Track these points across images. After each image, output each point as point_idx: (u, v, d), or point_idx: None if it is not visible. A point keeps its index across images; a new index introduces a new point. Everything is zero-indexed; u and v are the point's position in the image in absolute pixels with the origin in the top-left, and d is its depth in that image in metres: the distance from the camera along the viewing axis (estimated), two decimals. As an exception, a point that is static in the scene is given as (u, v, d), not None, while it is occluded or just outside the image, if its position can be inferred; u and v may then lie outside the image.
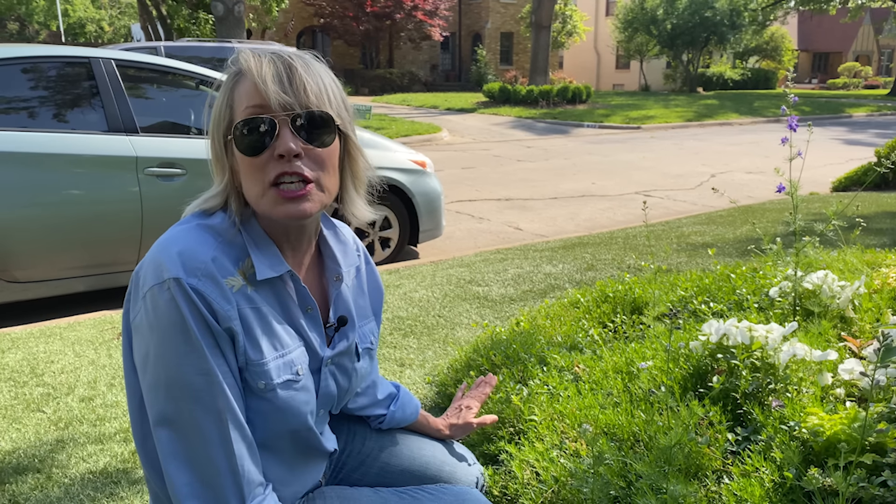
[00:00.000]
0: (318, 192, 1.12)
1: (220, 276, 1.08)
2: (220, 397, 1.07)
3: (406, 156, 5.12)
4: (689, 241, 5.01)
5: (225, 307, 1.07)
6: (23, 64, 3.90)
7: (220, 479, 1.08)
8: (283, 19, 30.79)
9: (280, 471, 1.22)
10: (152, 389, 1.08)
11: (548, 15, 23.82)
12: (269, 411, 1.15)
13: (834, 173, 9.20)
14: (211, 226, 1.13)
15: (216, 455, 1.07)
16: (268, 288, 1.15)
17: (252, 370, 1.12)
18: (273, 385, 1.14)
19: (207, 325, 1.06)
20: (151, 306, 1.06)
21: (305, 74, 1.10)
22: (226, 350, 1.09)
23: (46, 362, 2.97)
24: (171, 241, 1.10)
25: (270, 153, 1.09)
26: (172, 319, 1.04)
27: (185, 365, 1.05)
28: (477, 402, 1.69)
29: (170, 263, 1.06)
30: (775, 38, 39.45)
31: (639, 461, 1.57)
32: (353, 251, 1.37)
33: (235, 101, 1.12)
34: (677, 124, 18.78)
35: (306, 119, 1.09)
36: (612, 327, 2.75)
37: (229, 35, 13.39)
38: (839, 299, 2.30)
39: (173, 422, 1.07)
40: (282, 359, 1.15)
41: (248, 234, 1.14)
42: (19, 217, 3.72)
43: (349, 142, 1.20)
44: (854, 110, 23.20)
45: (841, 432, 1.47)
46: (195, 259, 1.07)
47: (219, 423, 1.07)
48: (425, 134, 14.73)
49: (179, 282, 1.04)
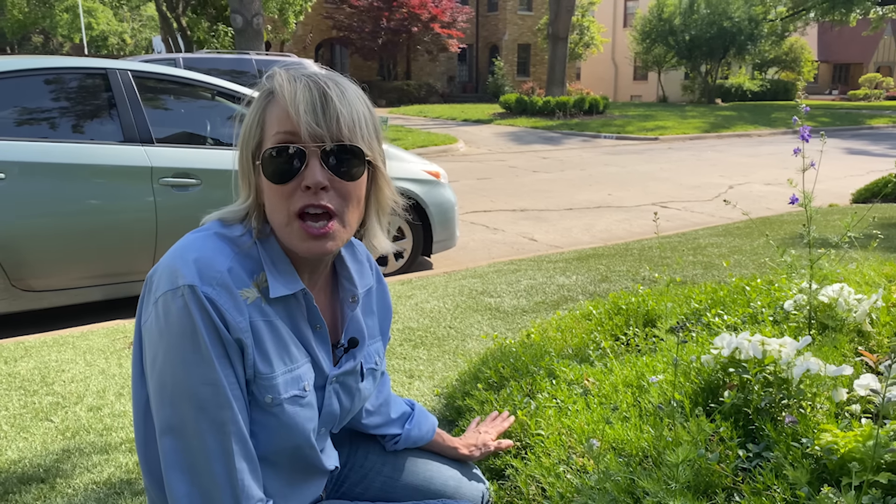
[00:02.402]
0: (340, 229, 1.11)
1: (235, 286, 1.07)
2: (225, 409, 1.06)
3: (420, 166, 5.12)
4: (704, 253, 4.95)
5: (237, 318, 1.06)
6: (40, 75, 3.94)
7: (218, 492, 1.07)
8: (302, 32, 31.07)
9: (280, 485, 1.20)
10: (158, 395, 1.07)
11: (565, 27, 23.83)
12: (273, 426, 1.14)
13: (854, 185, 9.07)
14: (229, 236, 1.12)
15: (216, 467, 1.06)
16: (280, 303, 1.14)
17: (260, 383, 1.11)
18: (280, 399, 1.13)
19: (218, 334, 1.05)
20: (163, 312, 1.05)
21: (340, 104, 1.08)
22: (234, 361, 1.08)
23: (57, 371, 2.98)
24: (187, 247, 1.09)
25: (297, 183, 1.07)
26: (183, 327, 1.04)
27: (192, 374, 1.05)
28: (495, 432, 1.66)
29: (185, 270, 1.05)
30: (795, 49, 39.15)
31: (647, 478, 1.53)
32: (369, 271, 1.36)
33: (266, 123, 1.10)
34: (695, 135, 18.66)
35: (337, 152, 1.08)
36: (624, 340, 2.71)
37: (248, 47, 13.54)
38: (856, 313, 2.24)
39: (177, 430, 1.06)
40: (290, 374, 1.14)
41: (265, 250, 1.13)
42: (35, 226, 3.75)
43: (377, 172, 1.18)
44: (875, 121, 22.94)
45: (856, 450, 1.42)
46: (211, 268, 1.06)
47: (221, 436, 1.06)
48: (441, 145, 14.75)
49: (194, 289, 1.04)
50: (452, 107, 26.98)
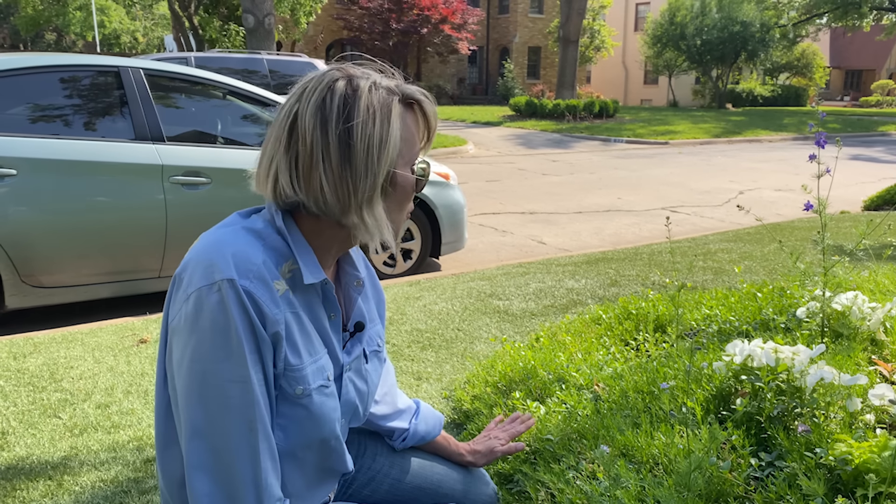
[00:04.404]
0: None
1: (270, 279, 1.07)
2: (253, 407, 1.06)
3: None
4: (715, 259, 4.93)
5: (274, 311, 1.06)
6: (53, 72, 3.96)
7: (242, 492, 1.06)
8: (313, 32, 31.15)
9: (299, 484, 1.20)
10: (185, 393, 1.06)
11: (576, 30, 23.80)
12: (303, 418, 1.13)
13: (865, 192, 9.02)
14: (255, 229, 1.12)
15: (242, 466, 1.06)
16: (302, 294, 1.14)
17: (290, 375, 1.10)
18: (310, 390, 1.13)
19: (253, 329, 1.04)
20: (195, 308, 1.03)
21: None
22: (266, 358, 1.07)
23: (66, 367, 2.98)
24: (221, 242, 1.08)
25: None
26: (216, 322, 1.02)
27: (222, 370, 1.03)
28: (507, 436, 1.65)
29: (223, 264, 1.04)
30: (807, 54, 38.96)
31: (657, 485, 1.52)
32: (360, 258, 1.37)
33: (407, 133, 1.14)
34: (705, 140, 18.59)
35: None
36: (634, 345, 2.69)
37: (259, 47, 13.57)
38: (870, 321, 2.22)
39: (203, 429, 1.05)
40: (315, 364, 1.15)
41: (292, 239, 1.14)
42: (46, 222, 3.76)
43: None
44: (887, 128, 22.80)
45: (871, 461, 1.40)
46: (248, 261, 1.06)
47: (249, 434, 1.06)
48: (451, 146, 14.75)
49: (233, 283, 1.03)
50: (462, 108, 26.98)
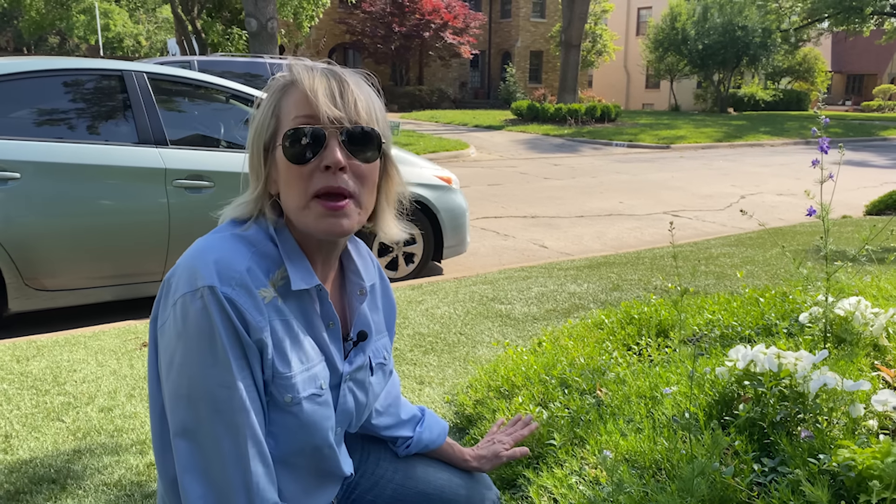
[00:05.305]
0: (355, 210, 1.13)
1: (254, 286, 1.08)
2: (241, 413, 1.06)
3: (431, 172, 5.12)
4: (717, 263, 4.93)
5: (257, 318, 1.06)
6: (57, 76, 3.97)
7: (233, 496, 1.06)
8: (315, 36, 31.21)
9: (295, 490, 1.20)
10: (174, 398, 1.07)
11: (578, 34, 23.82)
12: (293, 426, 1.14)
13: (867, 196, 9.01)
14: (245, 236, 1.12)
15: (231, 471, 1.06)
16: (295, 301, 1.14)
17: (279, 383, 1.11)
18: (299, 399, 1.12)
19: (237, 336, 1.05)
20: (181, 314, 1.05)
21: (357, 90, 1.12)
22: (253, 363, 1.08)
23: (69, 371, 2.99)
24: (206, 249, 1.09)
25: (317, 164, 1.10)
26: (201, 328, 1.03)
27: (208, 376, 1.04)
28: (511, 441, 1.65)
29: (205, 271, 1.05)
30: (808, 59, 38.96)
31: (660, 491, 1.52)
32: (372, 267, 1.37)
33: (283, 111, 1.13)
34: (707, 144, 18.59)
35: (355, 134, 1.11)
36: (636, 350, 2.69)
37: (262, 50, 13.60)
38: (873, 327, 2.22)
39: (192, 433, 1.06)
40: (307, 372, 1.14)
41: (282, 245, 1.14)
42: (49, 226, 3.77)
43: (388, 160, 1.22)
44: (889, 133, 22.78)
45: (874, 467, 1.40)
46: (231, 268, 1.06)
47: (236, 439, 1.06)
48: (452, 150, 14.75)
49: (214, 290, 1.03)
50: (464, 112, 26.97)
